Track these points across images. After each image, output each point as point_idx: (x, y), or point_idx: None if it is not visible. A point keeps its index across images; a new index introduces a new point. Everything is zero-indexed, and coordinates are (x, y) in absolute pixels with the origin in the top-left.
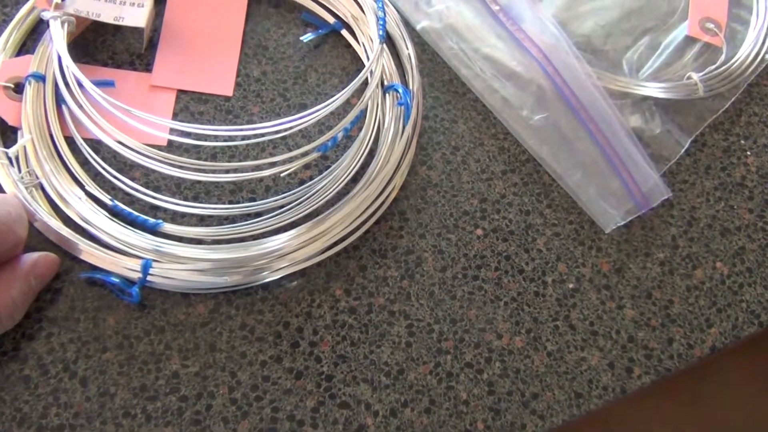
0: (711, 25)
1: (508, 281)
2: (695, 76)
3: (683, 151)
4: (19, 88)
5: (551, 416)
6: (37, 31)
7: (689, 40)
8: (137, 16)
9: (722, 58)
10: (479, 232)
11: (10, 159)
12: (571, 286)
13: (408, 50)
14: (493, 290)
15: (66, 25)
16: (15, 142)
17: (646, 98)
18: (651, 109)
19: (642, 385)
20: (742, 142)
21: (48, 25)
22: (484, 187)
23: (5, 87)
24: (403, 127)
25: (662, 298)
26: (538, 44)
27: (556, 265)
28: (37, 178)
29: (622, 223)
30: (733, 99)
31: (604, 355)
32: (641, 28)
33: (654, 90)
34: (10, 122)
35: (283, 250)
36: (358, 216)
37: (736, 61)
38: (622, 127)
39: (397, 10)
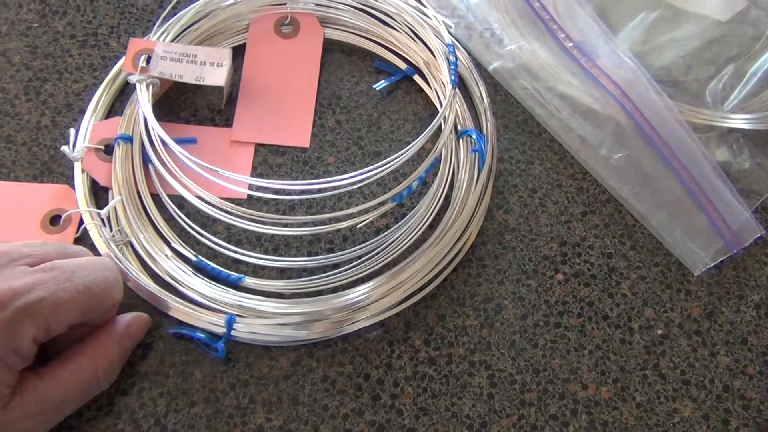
0: None
1: (592, 328)
2: None
3: None
4: (109, 150)
5: None
6: (124, 92)
7: None
8: (217, 76)
9: None
10: (560, 277)
11: (102, 219)
12: (659, 332)
13: (481, 92)
14: (577, 338)
15: (151, 87)
16: (105, 201)
17: (732, 130)
18: (739, 142)
19: None
20: None
21: (134, 88)
22: (563, 229)
23: (96, 149)
24: (479, 173)
25: (759, 343)
26: (615, 80)
27: (642, 311)
28: (127, 236)
29: (712, 264)
30: None
31: (698, 405)
32: (725, 57)
33: (741, 121)
34: (102, 183)
35: (363, 301)
36: (436, 264)
37: None
38: (708, 162)
39: (469, 52)
